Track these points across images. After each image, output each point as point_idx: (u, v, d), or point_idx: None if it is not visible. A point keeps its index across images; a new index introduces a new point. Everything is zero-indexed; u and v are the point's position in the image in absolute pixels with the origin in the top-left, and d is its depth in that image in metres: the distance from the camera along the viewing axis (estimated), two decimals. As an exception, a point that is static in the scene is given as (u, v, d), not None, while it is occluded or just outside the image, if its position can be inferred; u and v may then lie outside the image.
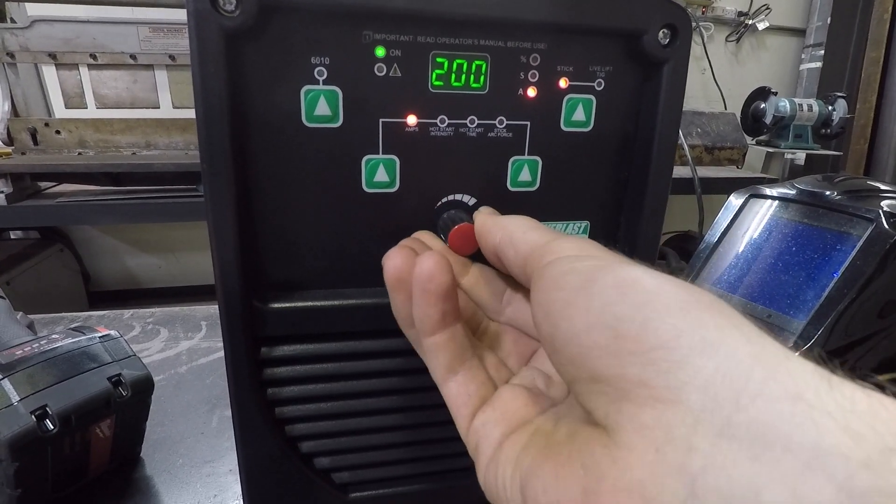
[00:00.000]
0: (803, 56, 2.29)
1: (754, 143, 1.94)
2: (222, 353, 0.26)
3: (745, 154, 1.90)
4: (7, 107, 1.52)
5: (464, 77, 0.25)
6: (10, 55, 1.51)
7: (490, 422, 0.20)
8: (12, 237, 1.70)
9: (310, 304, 0.27)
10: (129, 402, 0.34)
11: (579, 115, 0.27)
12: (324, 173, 0.26)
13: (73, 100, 1.63)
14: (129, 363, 0.35)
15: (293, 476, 0.30)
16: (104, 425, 0.33)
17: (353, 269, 0.28)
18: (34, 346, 0.34)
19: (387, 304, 0.23)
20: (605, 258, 0.18)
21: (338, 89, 0.24)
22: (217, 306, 0.26)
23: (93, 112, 1.63)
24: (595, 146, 0.28)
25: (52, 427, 0.30)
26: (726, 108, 2.05)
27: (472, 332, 0.24)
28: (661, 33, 0.26)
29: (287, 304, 0.27)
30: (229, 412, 0.29)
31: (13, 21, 1.46)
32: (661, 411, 0.13)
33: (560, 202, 0.29)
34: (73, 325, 0.37)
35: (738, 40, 2.22)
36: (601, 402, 0.15)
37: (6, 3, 1.33)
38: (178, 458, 0.39)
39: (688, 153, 1.15)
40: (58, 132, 1.52)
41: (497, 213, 0.25)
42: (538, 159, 0.28)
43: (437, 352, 0.21)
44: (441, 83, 0.25)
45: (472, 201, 0.28)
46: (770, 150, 1.90)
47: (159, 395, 0.40)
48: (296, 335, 0.27)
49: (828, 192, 0.47)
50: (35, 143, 1.50)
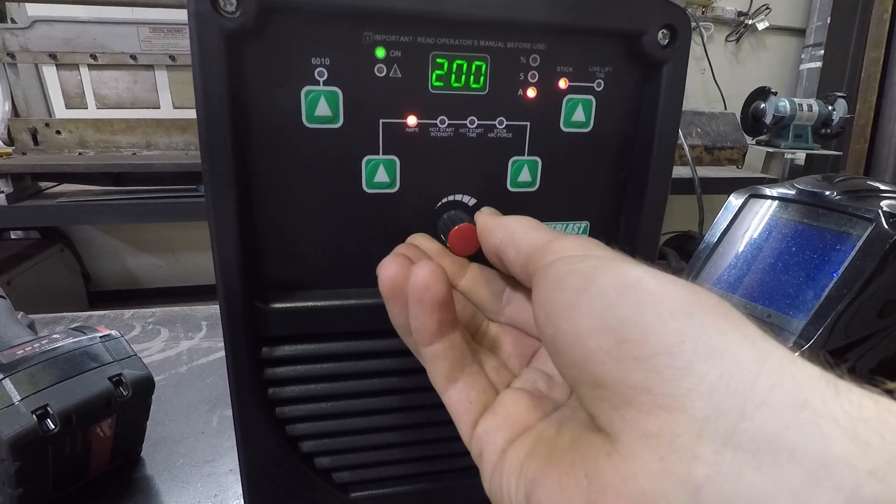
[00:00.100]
0: (803, 56, 2.29)
1: (754, 142, 1.94)
2: (222, 353, 0.26)
3: (745, 154, 1.90)
4: (7, 107, 1.52)
5: (464, 78, 0.25)
6: (11, 55, 1.51)
7: (492, 428, 0.20)
8: (13, 237, 1.70)
9: (310, 304, 0.27)
10: (130, 401, 0.34)
11: (579, 115, 0.27)
12: (324, 174, 0.26)
13: (74, 100, 1.63)
14: (129, 363, 0.35)
15: (294, 476, 0.30)
16: (105, 425, 0.33)
17: (353, 270, 0.28)
18: (35, 345, 0.34)
19: (387, 304, 0.23)
20: (607, 258, 0.17)
21: (338, 90, 0.24)
22: (218, 306, 0.26)
23: (93, 112, 1.63)
24: (595, 146, 0.28)
25: (53, 426, 0.30)
26: (726, 108, 2.05)
27: (472, 336, 0.24)
28: (660, 34, 0.26)
29: (288, 304, 0.27)
30: (229, 412, 0.29)
31: (13, 21, 1.46)
32: (665, 419, 0.13)
33: (560, 202, 0.29)
34: (73, 325, 0.37)
35: (737, 40, 2.22)
36: (604, 408, 0.15)
37: (6, 3, 1.33)
38: (179, 457, 0.39)
39: (688, 153, 1.15)
40: (58, 132, 1.52)
41: (498, 213, 0.24)
42: (538, 160, 0.28)
43: (436, 361, 0.21)
44: (441, 84, 0.25)
45: (472, 202, 0.28)
46: (770, 150, 1.90)
47: (160, 394, 0.40)
48: (296, 335, 0.28)
49: (827, 192, 0.47)
50: (35, 143, 1.50)
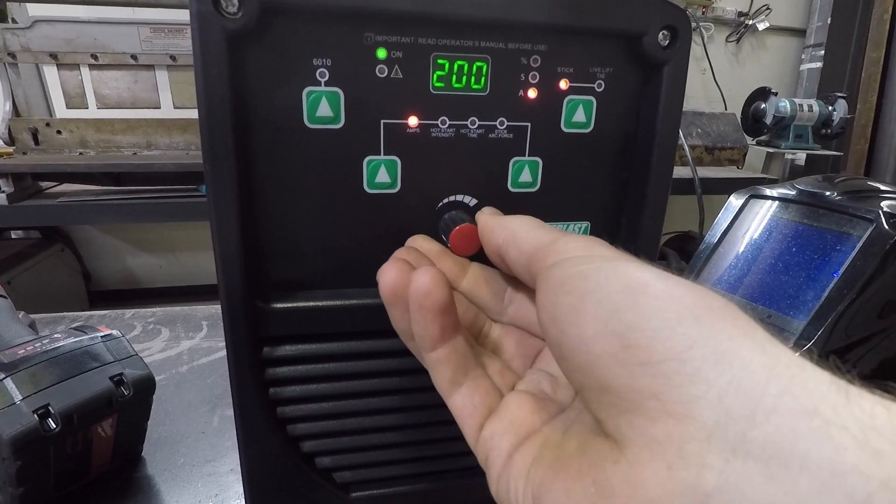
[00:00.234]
0: (803, 56, 2.29)
1: (754, 143, 1.94)
2: (223, 353, 0.27)
3: (746, 154, 1.90)
4: (8, 107, 1.52)
5: (465, 78, 0.25)
6: (12, 55, 1.51)
7: (498, 433, 0.20)
8: (13, 236, 1.70)
9: (312, 304, 0.27)
10: (131, 401, 0.34)
11: (580, 116, 0.27)
12: (325, 174, 0.26)
13: (75, 100, 1.63)
14: (130, 363, 0.35)
15: (295, 475, 0.30)
16: (106, 424, 0.34)
17: (354, 270, 0.28)
18: (36, 345, 0.34)
19: (388, 304, 0.23)
20: (611, 258, 0.17)
21: (339, 90, 0.24)
22: (219, 306, 0.26)
23: (94, 112, 1.63)
24: (595, 147, 0.28)
25: (54, 426, 0.30)
26: (726, 109, 2.04)
27: (474, 338, 0.24)
28: (660, 35, 0.26)
29: (289, 304, 0.27)
30: (230, 411, 0.29)
31: (15, 21, 1.46)
32: (673, 426, 0.13)
33: (561, 203, 0.29)
34: (74, 325, 0.37)
35: (738, 40, 2.21)
36: (611, 414, 0.15)
37: (7, 3, 1.33)
38: (180, 457, 0.39)
39: (688, 153, 1.15)
40: (59, 132, 1.52)
41: (500, 213, 0.24)
42: (539, 160, 0.28)
43: (440, 366, 0.21)
44: (442, 84, 0.25)
45: (473, 202, 0.28)
46: (770, 150, 1.90)
47: (160, 394, 0.40)
48: (298, 335, 0.28)
49: (828, 193, 0.47)
50: (36, 142, 1.50)
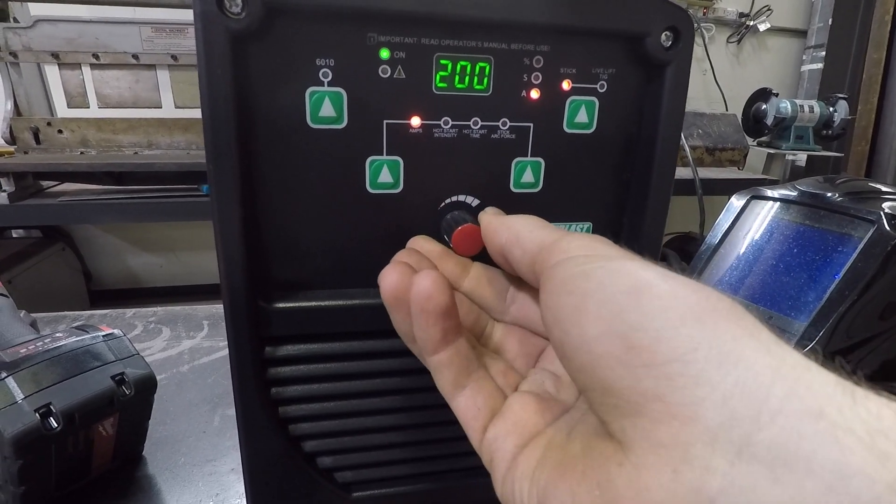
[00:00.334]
0: (804, 57, 2.29)
1: (755, 144, 1.94)
2: (224, 353, 0.27)
3: (747, 155, 1.90)
4: (10, 106, 1.52)
5: (467, 79, 0.25)
6: (13, 54, 1.51)
7: (502, 434, 0.20)
8: (14, 236, 1.70)
9: (314, 303, 0.27)
10: (133, 400, 0.34)
11: (582, 116, 0.27)
12: (328, 174, 0.26)
13: (76, 99, 1.63)
14: (132, 362, 0.35)
15: (296, 475, 0.30)
16: (107, 423, 0.34)
17: (357, 270, 0.28)
18: (38, 344, 0.34)
19: (390, 304, 0.23)
20: (615, 257, 0.17)
21: (342, 91, 0.24)
22: (220, 306, 0.26)
23: (95, 111, 1.63)
24: (598, 148, 0.28)
25: (55, 425, 0.30)
26: (727, 110, 2.05)
27: (477, 338, 0.24)
28: (663, 36, 0.26)
29: (292, 304, 0.27)
30: (231, 411, 0.29)
31: (16, 21, 1.46)
32: (678, 429, 0.13)
33: (563, 203, 0.29)
34: (76, 324, 0.37)
35: (739, 41, 2.22)
36: (615, 415, 0.15)
37: (9, 2, 1.33)
38: (181, 456, 0.39)
39: (689, 154, 1.15)
40: (60, 131, 1.52)
41: (502, 213, 0.24)
42: (541, 161, 0.28)
43: (442, 369, 0.21)
44: (445, 85, 0.25)
45: (476, 202, 0.28)
46: (771, 151, 1.90)
47: (161, 394, 0.40)
48: (300, 335, 0.28)
49: (829, 194, 0.47)
50: (37, 142, 1.50)
